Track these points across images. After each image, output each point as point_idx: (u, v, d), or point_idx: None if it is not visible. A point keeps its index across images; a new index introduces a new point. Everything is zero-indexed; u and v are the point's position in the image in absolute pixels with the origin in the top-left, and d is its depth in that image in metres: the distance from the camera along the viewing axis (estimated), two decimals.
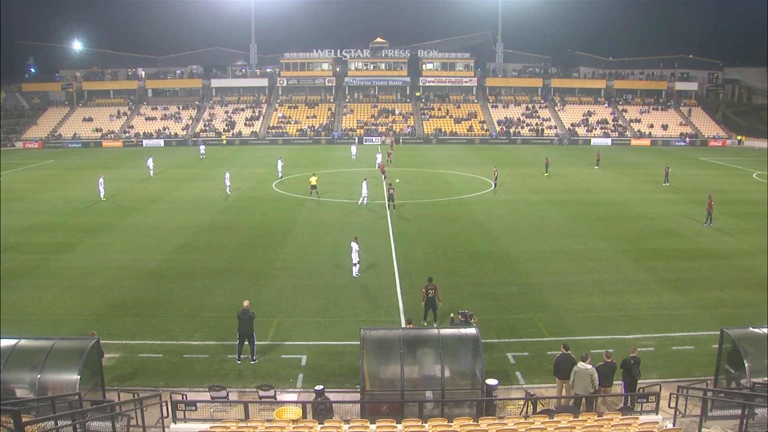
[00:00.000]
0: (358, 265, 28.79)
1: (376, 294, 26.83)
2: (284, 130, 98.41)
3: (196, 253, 33.08)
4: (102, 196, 46.91)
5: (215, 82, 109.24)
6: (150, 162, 60.26)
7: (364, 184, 45.31)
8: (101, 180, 47.77)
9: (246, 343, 20.50)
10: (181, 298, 26.26)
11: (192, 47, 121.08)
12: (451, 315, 21.44)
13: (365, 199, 44.95)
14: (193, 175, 60.97)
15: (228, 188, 49.62)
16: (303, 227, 39.09)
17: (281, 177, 57.46)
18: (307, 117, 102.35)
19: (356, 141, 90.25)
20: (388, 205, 43.33)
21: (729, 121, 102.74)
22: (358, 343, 16.96)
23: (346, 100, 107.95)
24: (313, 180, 47.97)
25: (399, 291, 27.04)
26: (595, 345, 21.16)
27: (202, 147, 79.77)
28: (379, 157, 66.91)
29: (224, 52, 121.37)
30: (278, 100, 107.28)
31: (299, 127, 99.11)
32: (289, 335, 22.56)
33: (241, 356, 20.53)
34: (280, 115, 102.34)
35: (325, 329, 23.13)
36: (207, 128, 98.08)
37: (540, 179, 58.07)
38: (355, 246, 28.59)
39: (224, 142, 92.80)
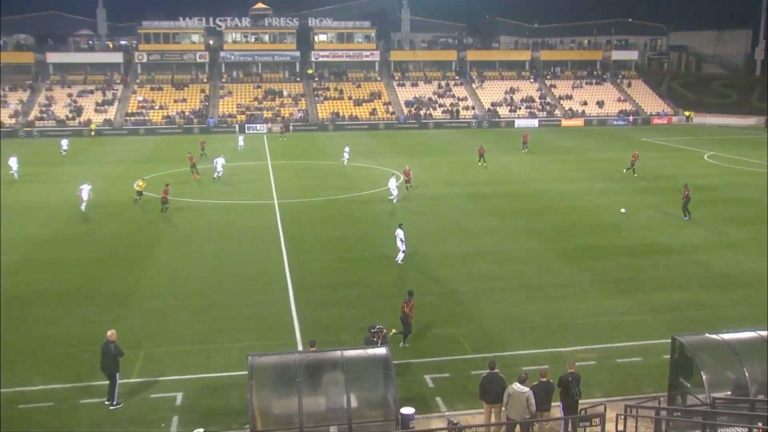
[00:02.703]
0: (402, 254, 32.14)
1: (267, 313, 26.66)
2: (147, 117, 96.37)
3: (36, 274, 31.75)
4: (83, 208, 43.62)
5: (52, 57, 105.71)
6: (13, 161, 56.79)
7: (392, 180, 46.51)
8: (86, 187, 43.95)
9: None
10: (14, 333, 24.92)
11: (19, 11, 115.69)
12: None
13: (395, 198, 45.79)
14: (34, 176, 58.08)
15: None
16: (175, 235, 38.43)
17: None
18: (175, 101, 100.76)
19: (237, 129, 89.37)
20: (162, 209, 43.00)
21: (675, 94, 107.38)
22: (246, 373, 16.76)
23: (223, 80, 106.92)
24: (141, 184, 46.64)
25: (293, 307, 26.94)
26: (527, 361, 21.72)
27: (65, 141, 75.96)
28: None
29: (63, 19, 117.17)
30: (137, 81, 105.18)
31: (165, 114, 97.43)
32: (159, 369, 21.97)
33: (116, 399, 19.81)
34: (141, 98, 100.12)
35: (205, 359, 22.74)
36: (45, 116, 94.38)
37: (456, 170, 59.31)
38: (400, 233, 31.94)
39: (93, 133, 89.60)
